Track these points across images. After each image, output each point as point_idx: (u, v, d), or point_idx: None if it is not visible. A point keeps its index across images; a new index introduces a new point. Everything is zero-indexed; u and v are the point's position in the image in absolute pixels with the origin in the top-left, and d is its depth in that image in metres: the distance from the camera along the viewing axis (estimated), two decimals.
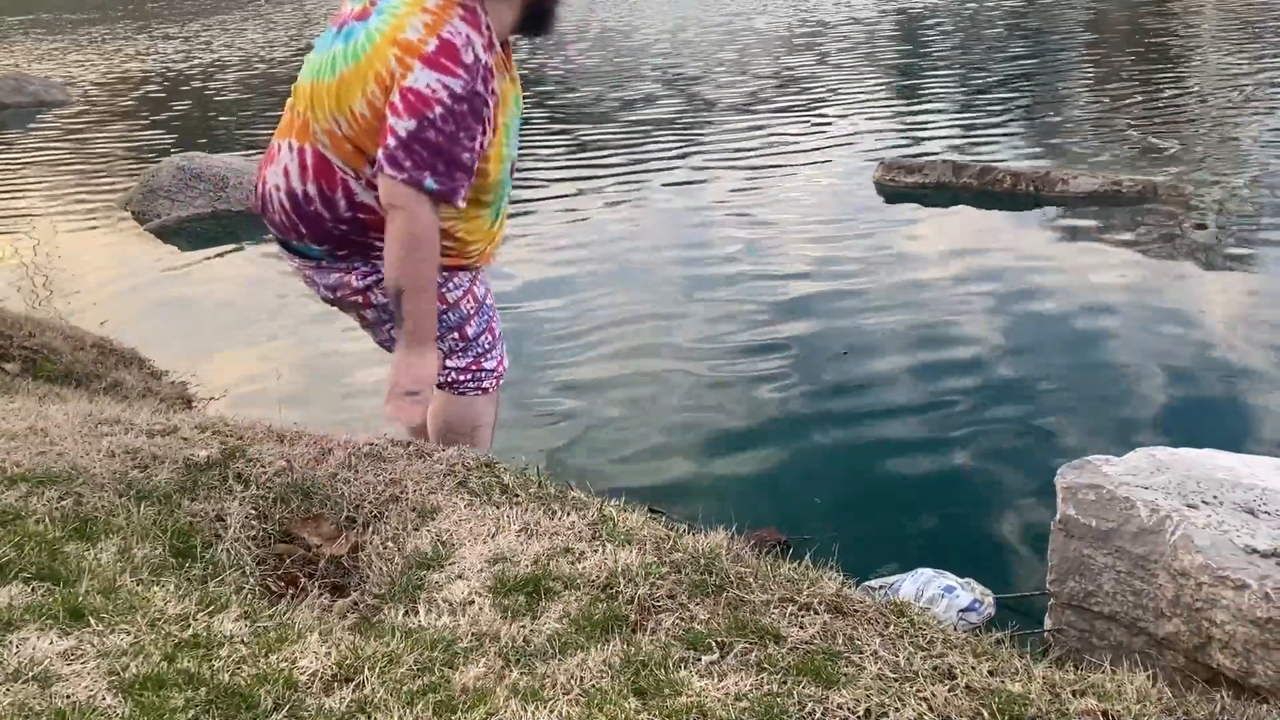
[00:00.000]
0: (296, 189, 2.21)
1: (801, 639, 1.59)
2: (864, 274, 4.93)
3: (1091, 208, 5.66)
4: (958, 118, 8.43)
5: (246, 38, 18.13)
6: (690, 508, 3.08)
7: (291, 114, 2.27)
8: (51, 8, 27.93)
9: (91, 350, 4.04)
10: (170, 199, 6.91)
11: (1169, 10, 13.85)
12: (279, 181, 2.24)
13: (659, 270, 5.03)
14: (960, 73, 10.43)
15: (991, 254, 5.11)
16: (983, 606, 2.51)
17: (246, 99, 11.89)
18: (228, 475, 2.08)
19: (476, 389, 2.46)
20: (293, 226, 2.25)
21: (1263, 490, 2.14)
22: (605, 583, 1.74)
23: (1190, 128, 7.48)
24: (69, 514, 1.84)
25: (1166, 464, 2.25)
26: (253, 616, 1.61)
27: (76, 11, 26.57)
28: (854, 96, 9.44)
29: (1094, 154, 6.96)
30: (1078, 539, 2.18)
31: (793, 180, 6.75)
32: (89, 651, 1.43)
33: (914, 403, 3.65)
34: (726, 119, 8.84)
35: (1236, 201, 5.65)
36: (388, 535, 1.97)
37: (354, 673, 1.45)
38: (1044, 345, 4.07)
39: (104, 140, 10.08)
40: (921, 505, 3.08)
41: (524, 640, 1.59)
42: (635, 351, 4.14)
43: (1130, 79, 9.53)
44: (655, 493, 3.18)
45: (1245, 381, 3.64)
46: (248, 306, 5.16)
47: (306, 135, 2.19)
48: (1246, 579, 1.88)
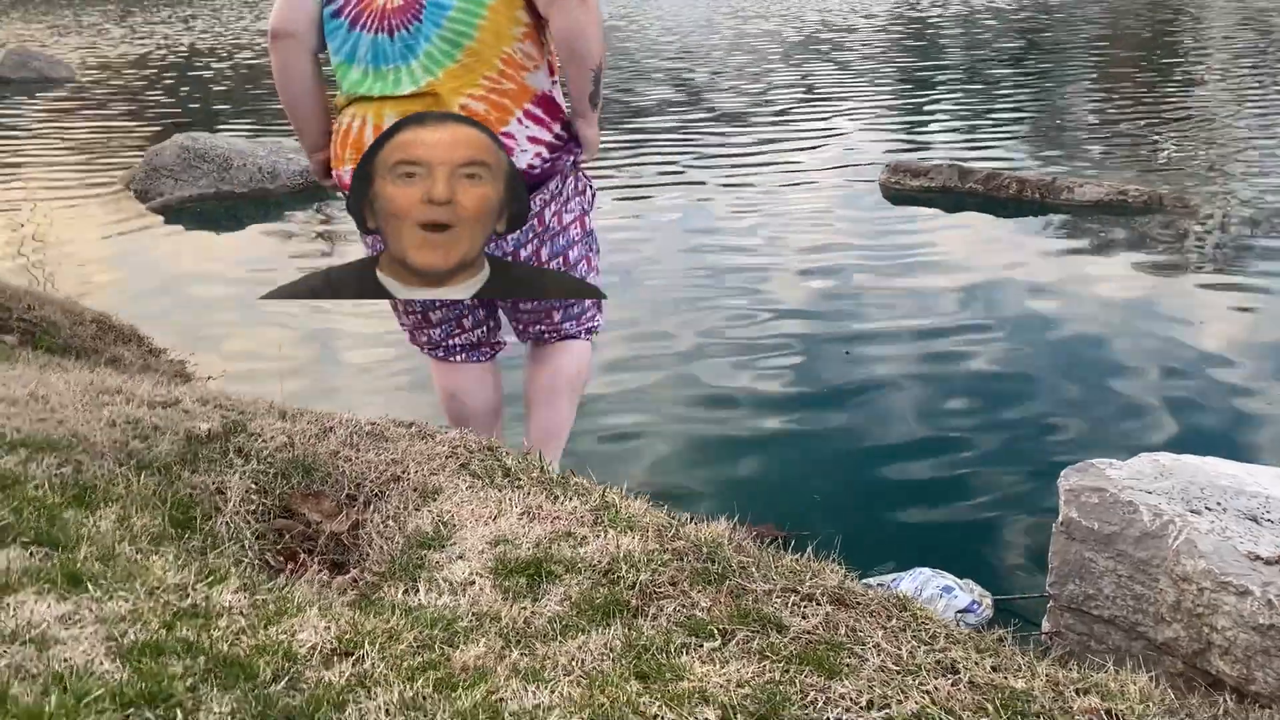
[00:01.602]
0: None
1: (804, 629, 1.58)
2: (868, 276, 4.93)
3: (1097, 215, 5.66)
4: (965, 123, 8.44)
5: (257, 17, 18.10)
6: (691, 503, 3.09)
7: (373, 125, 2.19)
8: None
9: (90, 325, 4.02)
10: (173, 178, 6.89)
11: (1178, 21, 13.87)
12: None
13: (662, 269, 5.03)
14: (968, 78, 10.43)
15: (996, 259, 5.11)
16: (980, 608, 2.51)
17: (254, 81, 11.86)
18: (229, 449, 2.06)
19: (594, 327, 2.61)
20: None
21: (1266, 498, 2.14)
22: (607, 568, 1.73)
23: (1197, 138, 7.49)
24: (68, 481, 1.83)
25: (1170, 469, 2.24)
26: (252, 589, 1.59)
27: None
28: (861, 100, 9.44)
29: (1100, 162, 6.96)
30: (1079, 542, 2.18)
31: (798, 181, 6.74)
32: (87, 617, 1.42)
33: (916, 403, 3.65)
34: (732, 120, 8.83)
35: (1242, 213, 5.65)
36: (388, 514, 1.96)
37: (354, 647, 1.44)
38: (1047, 350, 4.07)
39: (108, 118, 10.05)
40: (921, 505, 3.08)
41: (524, 622, 1.58)
42: (639, 348, 4.13)
43: (1137, 88, 9.54)
44: (656, 488, 3.17)
45: (1248, 392, 3.64)
46: (248, 286, 5.14)
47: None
48: (1249, 585, 1.88)
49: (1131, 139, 7.64)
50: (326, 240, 6.03)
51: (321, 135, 2.33)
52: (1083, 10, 15.31)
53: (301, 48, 2.24)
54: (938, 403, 3.65)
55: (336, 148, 2.26)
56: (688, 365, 4.00)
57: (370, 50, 2.19)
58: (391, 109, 2.17)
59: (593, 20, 2.20)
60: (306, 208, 6.62)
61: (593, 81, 2.25)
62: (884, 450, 3.36)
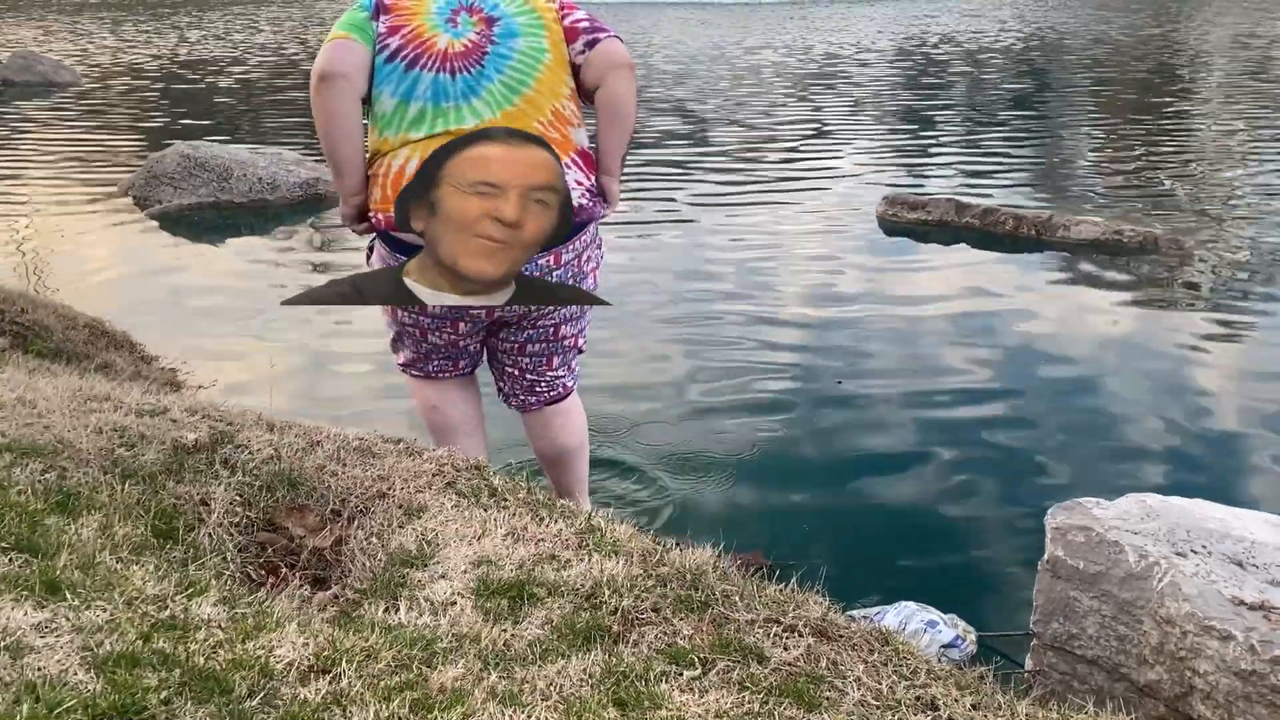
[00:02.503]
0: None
1: (785, 660, 1.57)
2: (862, 307, 4.94)
3: (1092, 254, 5.68)
4: (963, 157, 8.48)
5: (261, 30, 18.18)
6: (679, 527, 3.08)
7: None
8: None
9: (83, 330, 4.01)
10: (173, 186, 6.90)
11: (1176, 62, 13.99)
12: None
13: (656, 297, 5.03)
14: (967, 113, 10.50)
15: (991, 294, 5.13)
16: (964, 644, 2.50)
17: (257, 93, 11.90)
18: (215, 460, 2.06)
19: (577, 375, 2.78)
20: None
21: (1252, 543, 2.13)
22: (589, 592, 1.73)
23: (1193, 179, 7.54)
24: (52, 487, 1.82)
25: (1157, 511, 2.24)
26: (231, 602, 1.59)
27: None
28: (860, 132, 9.49)
29: (1096, 201, 7.00)
30: (1064, 580, 2.17)
31: (794, 211, 6.77)
32: (63, 625, 1.41)
33: (906, 437, 3.65)
34: (730, 149, 8.88)
35: (1235, 257, 5.68)
36: (372, 530, 1.95)
37: (331, 664, 1.43)
38: (1038, 387, 4.07)
39: (110, 124, 10.06)
40: (909, 538, 3.07)
41: (504, 644, 1.58)
42: (630, 375, 4.13)
43: (1135, 128, 9.61)
44: (644, 511, 3.17)
45: (1236, 436, 3.64)
46: (243, 297, 5.15)
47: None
48: (1232, 630, 1.87)
49: (1128, 179, 7.69)
50: (324, 253, 6.04)
51: (362, 179, 2.36)
52: (1085, 49, 15.45)
53: (352, 90, 2.28)
54: (928, 436, 3.65)
55: (385, 190, 2.29)
56: (679, 392, 4.00)
57: (431, 88, 2.28)
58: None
59: (634, 90, 2.44)
60: (305, 220, 6.63)
61: (627, 144, 2.46)
62: (873, 481, 3.36)
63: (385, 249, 2.40)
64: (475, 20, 2.36)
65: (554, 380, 2.69)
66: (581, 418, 2.81)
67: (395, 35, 2.31)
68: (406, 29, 2.32)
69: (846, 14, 21.13)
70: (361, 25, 2.32)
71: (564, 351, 2.66)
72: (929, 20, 19.77)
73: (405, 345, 2.63)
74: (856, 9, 22.37)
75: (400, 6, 2.35)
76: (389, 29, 2.31)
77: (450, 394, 2.69)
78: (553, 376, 2.68)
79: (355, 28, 2.32)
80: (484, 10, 2.38)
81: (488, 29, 2.35)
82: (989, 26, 18.62)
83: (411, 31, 2.32)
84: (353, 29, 2.31)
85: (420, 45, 2.31)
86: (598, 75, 2.38)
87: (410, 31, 2.32)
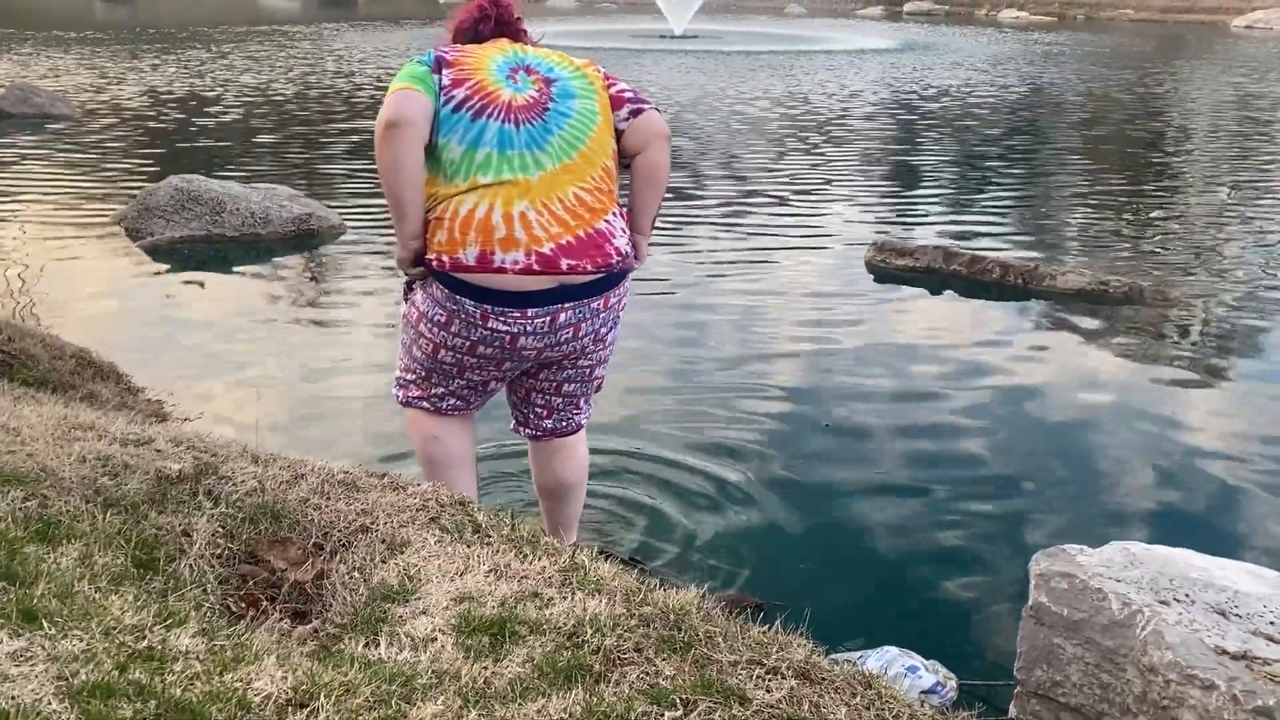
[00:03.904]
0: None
1: (767, 702, 1.56)
2: (849, 352, 4.96)
3: (1078, 304, 5.73)
4: (951, 206, 8.57)
5: (259, 68, 18.32)
6: (665, 564, 3.07)
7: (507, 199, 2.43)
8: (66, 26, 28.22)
9: (70, 360, 4.00)
10: (165, 218, 6.91)
11: (1164, 114, 14.20)
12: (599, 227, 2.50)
13: (644, 341, 5.04)
14: (956, 164, 10.62)
15: (977, 341, 5.16)
16: (945, 690, 2.49)
17: (253, 128, 11.97)
18: (198, 491, 2.05)
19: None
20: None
21: (1234, 592, 2.14)
22: (572, 630, 1.72)
23: (1177, 231, 7.63)
24: (33, 515, 1.81)
25: (1140, 559, 2.25)
26: (210, 634, 1.57)
27: (89, 30, 26.83)
28: (849, 180, 9.58)
29: (1083, 251, 7.07)
30: (1048, 627, 2.17)
31: (782, 256, 6.81)
32: (39, 655, 1.40)
33: (892, 481, 3.65)
34: (719, 195, 8.94)
35: (1220, 308, 5.73)
36: (354, 565, 1.94)
37: (309, 699, 1.42)
38: (1023, 435, 4.09)
39: (104, 156, 10.09)
40: (893, 582, 3.06)
41: (485, 682, 1.56)
42: (618, 416, 4.13)
43: (1122, 179, 9.73)
44: (629, 550, 3.16)
45: (1220, 486, 3.66)
46: (232, 330, 5.14)
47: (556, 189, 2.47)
48: (1215, 679, 1.87)
49: (1114, 229, 7.77)
50: (315, 285, 6.04)
51: (422, 223, 2.49)
52: (1074, 103, 15.67)
53: (418, 136, 2.41)
54: (915, 479, 3.66)
55: (453, 233, 2.42)
56: (666, 432, 4.00)
57: (497, 137, 2.45)
58: (520, 197, 2.42)
59: (669, 159, 2.65)
60: (296, 255, 6.64)
61: (658, 207, 2.68)
62: (860, 525, 3.36)
63: (443, 291, 2.49)
64: (533, 79, 2.54)
65: (574, 417, 2.83)
66: (584, 456, 2.92)
67: (460, 87, 2.46)
68: (470, 82, 2.48)
69: (837, 65, 21.41)
70: (423, 78, 2.46)
71: (593, 392, 2.85)
72: (920, 72, 20.04)
73: (430, 382, 2.68)
74: (847, 60, 22.68)
75: (462, 63, 2.51)
76: (453, 81, 2.47)
77: (453, 427, 2.75)
78: (575, 414, 2.83)
79: (417, 79, 2.45)
80: (539, 71, 2.56)
81: (546, 88, 2.53)
82: (979, 79, 18.89)
83: (476, 84, 2.48)
84: (415, 80, 2.45)
85: (486, 97, 2.47)
86: (641, 142, 2.58)
87: (475, 85, 2.48)
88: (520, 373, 2.70)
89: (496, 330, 2.47)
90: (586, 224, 2.47)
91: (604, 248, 2.49)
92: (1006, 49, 26.90)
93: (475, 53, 2.56)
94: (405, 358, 2.71)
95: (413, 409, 2.75)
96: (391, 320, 5.34)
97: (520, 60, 2.57)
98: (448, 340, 2.53)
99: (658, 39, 26.90)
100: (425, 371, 2.66)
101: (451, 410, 2.72)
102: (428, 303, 2.54)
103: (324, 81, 16.62)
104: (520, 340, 2.50)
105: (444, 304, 2.49)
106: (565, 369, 2.70)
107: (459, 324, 2.49)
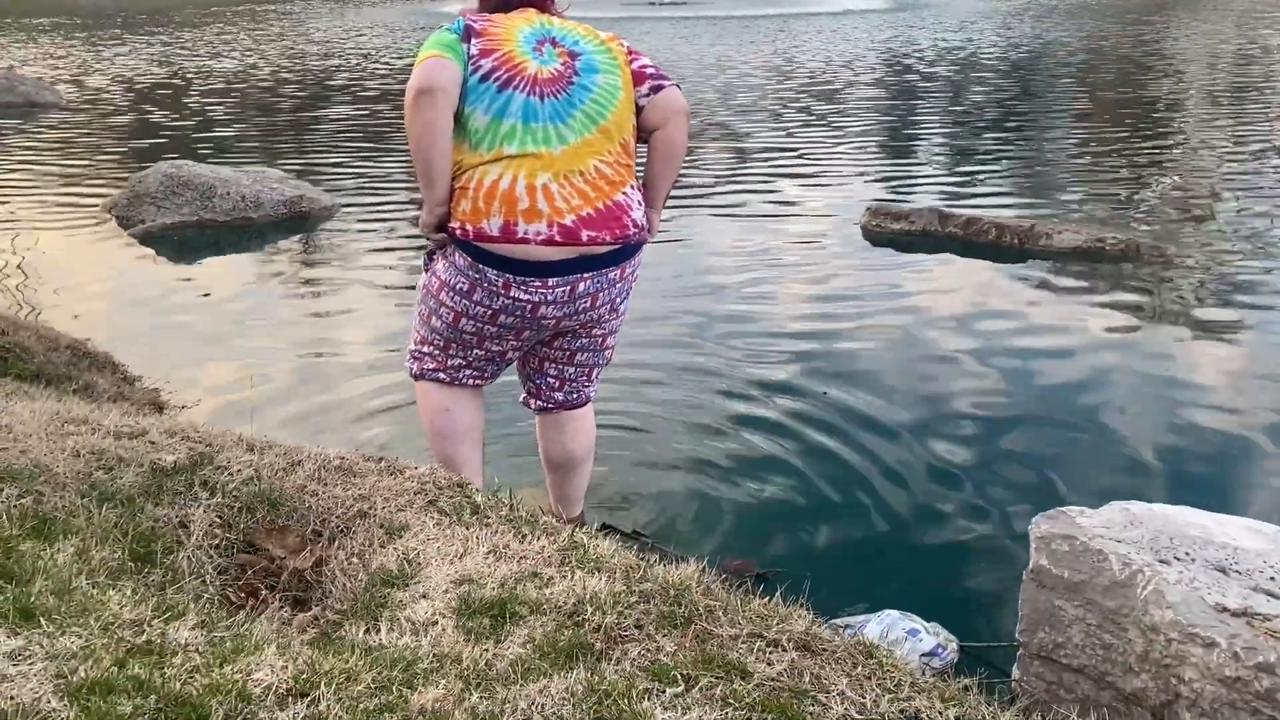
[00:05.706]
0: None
1: (768, 675, 1.56)
2: (846, 317, 4.94)
3: (1075, 263, 5.71)
4: (946, 167, 8.52)
5: (243, 50, 18.17)
6: (666, 535, 3.08)
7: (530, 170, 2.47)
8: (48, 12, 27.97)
9: (65, 352, 3.99)
10: (156, 205, 6.87)
11: (1158, 72, 14.09)
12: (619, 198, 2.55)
13: (642, 309, 5.02)
14: (950, 125, 10.55)
15: (974, 303, 5.14)
16: (945, 652, 2.49)
17: (240, 112, 11.89)
18: (194, 482, 2.04)
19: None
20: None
21: (1234, 549, 2.14)
22: (572, 610, 1.72)
23: (1174, 187, 7.58)
24: (28, 512, 1.80)
25: (1140, 519, 2.24)
26: (209, 625, 1.57)
27: (73, 15, 26.60)
28: (844, 144, 9.53)
29: (1079, 209, 7.03)
30: (1049, 589, 2.17)
31: (779, 222, 6.78)
32: (37, 653, 1.39)
33: (892, 445, 3.65)
34: (714, 160, 8.89)
35: (1217, 263, 5.71)
36: (353, 551, 1.94)
37: (310, 688, 1.42)
38: (1022, 396, 4.08)
39: (93, 144, 10.03)
40: (895, 547, 3.07)
41: (486, 664, 1.56)
42: (618, 386, 4.11)
43: (1116, 138, 9.67)
44: (630, 524, 3.16)
45: (1220, 442, 3.65)
46: (227, 316, 5.13)
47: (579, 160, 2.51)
48: (1216, 637, 1.88)
49: (1110, 187, 7.73)
50: (309, 267, 6.02)
51: (449, 190, 2.52)
52: (1067, 59, 15.55)
53: (448, 102, 2.43)
54: (913, 445, 3.66)
55: (477, 202, 2.46)
56: (666, 402, 4.00)
57: (522, 109, 2.48)
58: (544, 169, 2.46)
59: (687, 135, 2.70)
60: (288, 238, 6.61)
61: (672, 182, 2.74)
62: (860, 491, 3.36)
63: (466, 259, 2.51)
64: (559, 52, 2.57)
65: (585, 389, 2.87)
66: (592, 429, 2.96)
67: (487, 58, 2.48)
68: (498, 53, 2.50)
69: (828, 27, 21.24)
70: (452, 45, 2.48)
71: (603, 364, 2.88)
72: (911, 32, 19.88)
73: (448, 353, 2.70)
74: (838, 22, 22.49)
75: (490, 32, 2.53)
76: (481, 51, 2.48)
77: (465, 400, 2.78)
78: (585, 385, 2.87)
79: (447, 47, 2.47)
80: (565, 45, 2.59)
81: (571, 61, 2.56)
82: (971, 38, 18.74)
83: (503, 56, 2.50)
84: (445, 48, 2.47)
85: (513, 69, 2.49)
86: (661, 118, 2.62)
87: (502, 56, 2.50)
88: (535, 343, 2.74)
89: (518, 299, 2.51)
90: (606, 196, 2.51)
91: (622, 220, 2.53)
92: (999, 4, 26.67)
93: (503, 23, 2.57)
94: (423, 328, 2.74)
95: (425, 381, 2.78)
96: (387, 299, 5.32)
97: (547, 32, 2.59)
98: (470, 309, 2.56)
99: (645, 5, 26.66)
100: (444, 342, 2.69)
101: (465, 381, 2.75)
102: (450, 271, 2.57)
103: (309, 64, 16.49)
104: (541, 309, 2.54)
105: (466, 272, 2.52)
106: (580, 337, 2.74)
107: (481, 292, 2.52)
